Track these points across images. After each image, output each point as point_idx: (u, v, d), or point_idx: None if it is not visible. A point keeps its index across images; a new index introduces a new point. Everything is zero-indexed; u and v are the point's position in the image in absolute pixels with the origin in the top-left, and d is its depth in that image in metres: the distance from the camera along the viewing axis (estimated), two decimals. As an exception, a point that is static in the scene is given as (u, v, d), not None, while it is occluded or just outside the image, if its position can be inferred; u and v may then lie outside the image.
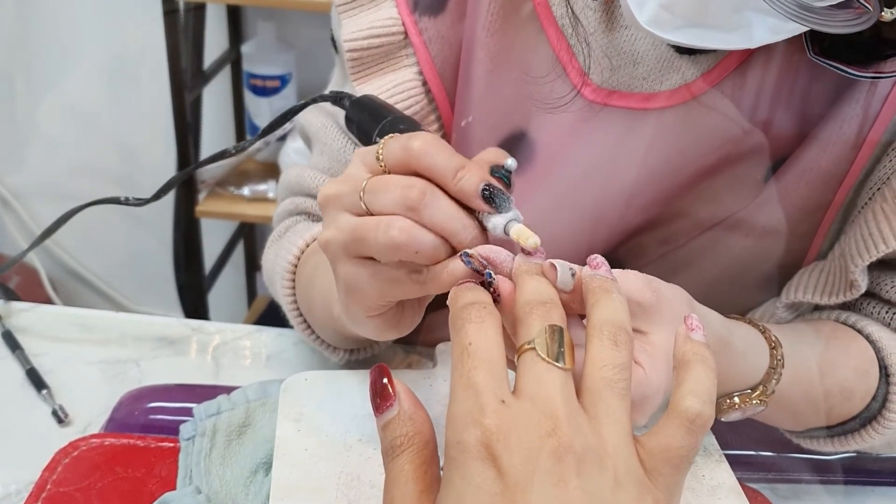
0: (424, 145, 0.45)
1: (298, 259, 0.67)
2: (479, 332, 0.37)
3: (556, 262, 0.42)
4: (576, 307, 0.42)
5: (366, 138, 0.55)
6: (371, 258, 0.47)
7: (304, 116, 0.73)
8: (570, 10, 0.60)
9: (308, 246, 0.67)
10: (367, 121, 0.55)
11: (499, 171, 0.46)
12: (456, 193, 0.44)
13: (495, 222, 0.44)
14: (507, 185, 0.46)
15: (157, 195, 0.67)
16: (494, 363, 0.36)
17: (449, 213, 0.44)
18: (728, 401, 0.55)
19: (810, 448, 0.64)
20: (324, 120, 0.71)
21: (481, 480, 0.33)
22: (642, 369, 0.44)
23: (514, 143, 0.64)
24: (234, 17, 1.80)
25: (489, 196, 0.44)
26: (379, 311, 0.49)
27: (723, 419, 0.56)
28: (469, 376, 0.36)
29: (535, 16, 0.61)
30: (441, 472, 0.36)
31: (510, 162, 0.47)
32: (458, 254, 0.43)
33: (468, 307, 0.39)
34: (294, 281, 0.67)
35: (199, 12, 1.66)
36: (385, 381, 0.38)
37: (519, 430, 0.34)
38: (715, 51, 0.58)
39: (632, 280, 0.46)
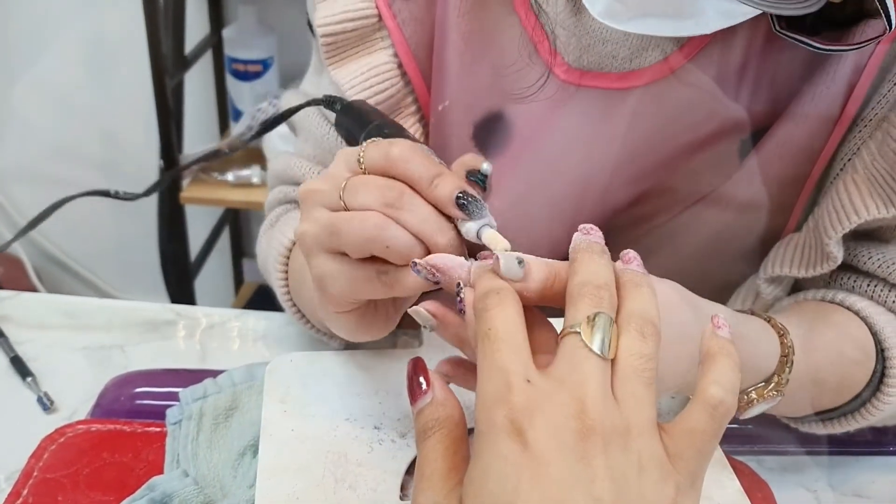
0: (403, 152, 0.46)
1: (290, 248, 0.67)
2: (497, 316, 0.38)
3: (501, 252, 0.42)
4: (535, 299, 0.42)
5: (353, 142, 0.56)
6: (344, 254, 0.47)
7: (287, 103, 0.72)
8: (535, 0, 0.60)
9: None
10: (355, 125, 0.56)
11: (474, 176, 0.47)
12: (432, 200, 0.45)
13: (468, 227, 0.45)
14: (483, 188, 0.47)
15: (149, 192, 0.68)
16: (516, 343, 0.37)
17: (425, 215, 0.45)
18: (745, 397, 0.54)
19: (809, 431, 0.63)
20: (306, 108, 0.70)
21: (507, 452, 0.34)
22: None
23: (491, 124, 0.64)
24: (215, 2, 1.78)
25: (463, 204, 0.45)
26: (348, 309, 0.50)
27: (743, 417, 0.55)
28: (493, 358, 0.37)
29: None
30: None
31: (486, 166, 0.47)
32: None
33: (486, 295, 0.40)
34: (287, 270, 0.67)
35: (178, -4, 1.64)
36: (420, 373, 0.40)
37: (545, 408, 0.35)
38: None
39: None
